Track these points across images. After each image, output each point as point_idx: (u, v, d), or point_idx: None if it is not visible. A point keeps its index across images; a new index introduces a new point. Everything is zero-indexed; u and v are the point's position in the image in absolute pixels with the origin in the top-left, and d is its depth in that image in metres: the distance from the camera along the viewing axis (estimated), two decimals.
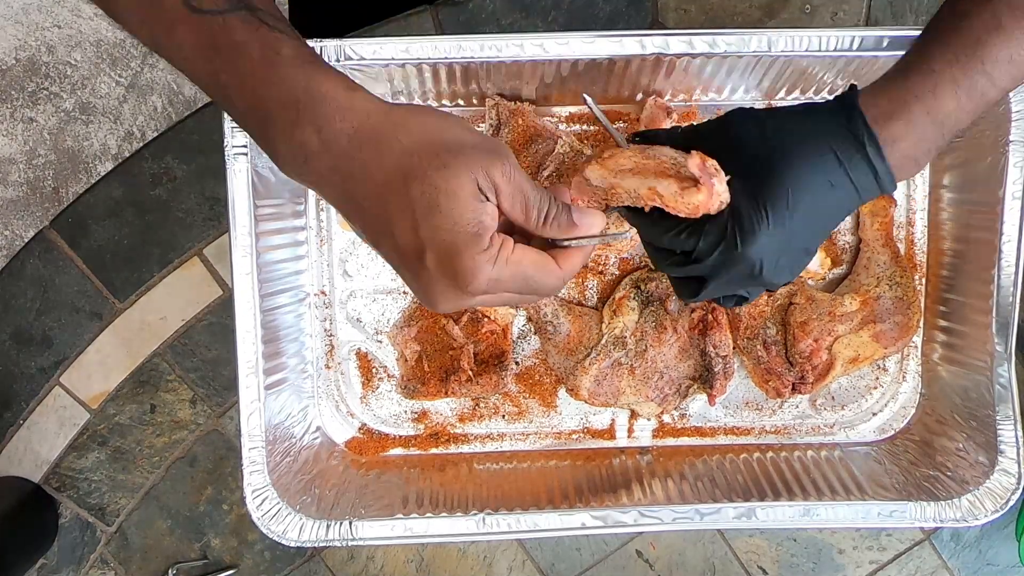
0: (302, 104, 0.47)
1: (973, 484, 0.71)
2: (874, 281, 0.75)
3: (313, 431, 0.79)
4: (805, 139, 0.51)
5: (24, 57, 1.71)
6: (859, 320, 0.74)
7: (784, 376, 0.75)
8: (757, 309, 0.75)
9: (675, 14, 0.80)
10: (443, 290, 0.49)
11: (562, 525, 0.71)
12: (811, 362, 0.74)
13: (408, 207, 0.47)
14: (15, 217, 1.72)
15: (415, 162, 0.47)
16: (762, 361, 0.75)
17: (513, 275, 0.49)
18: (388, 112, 0.48)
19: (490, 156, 0.48)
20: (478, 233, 0.47)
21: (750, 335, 0.75)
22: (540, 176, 0.74)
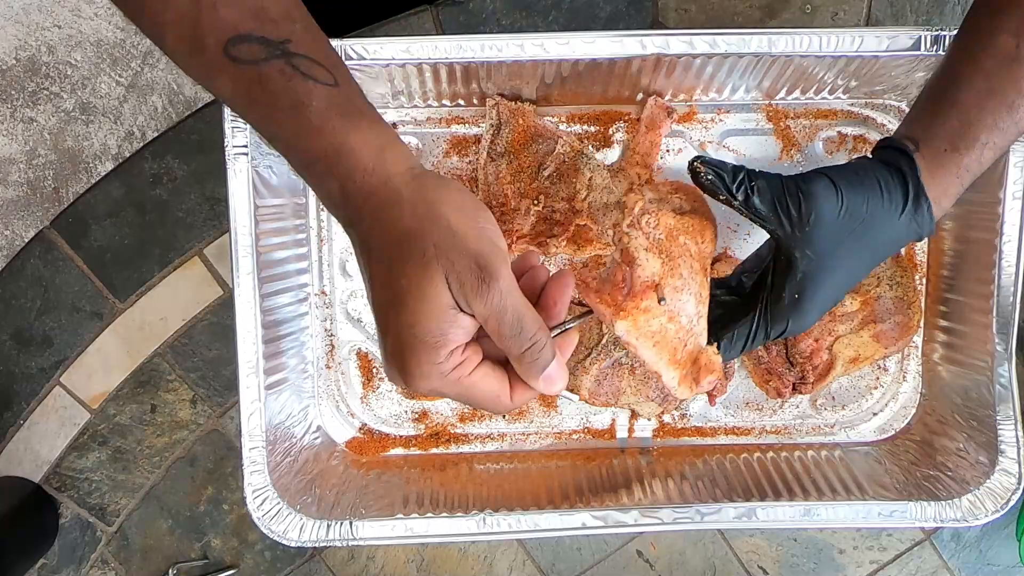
0: (329, 158, 0.47)
1: (973, 484, 0.71)
2: (874, 281, 0.75)
3: (313, 431, 0.79)
4: (875, 226, 0.56)
5: (24, 57, 1.71)
6: (859, 320, 0.74)
7: (784, 376, 0.75)
8: None
9: (675, 14, 0.80)
10: (391, 372, 0.48)
11: (562, 525, 0.71)
12: (811, 362, 0.74)
13: (385, 284, 0.47)
14: (15, 217, 1.72)
15: (402, 246, 0.46)
16: (762, 361, 0.75)
17: (458, 395, 0.48)
18: (410, 182, 0.48)
19: (479, 272, 0.45)
20: (437, 345, 0.46)
21: None
22: (540, 176, 0.74)
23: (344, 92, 0.49)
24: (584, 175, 0.73)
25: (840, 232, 0.56)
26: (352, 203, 0.47)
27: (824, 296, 0.57)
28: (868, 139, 0.77)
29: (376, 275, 0.47)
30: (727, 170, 0.57)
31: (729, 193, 0.57)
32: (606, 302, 0.60)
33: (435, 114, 0.76)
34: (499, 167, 0.74)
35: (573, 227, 0.74)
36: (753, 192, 0.57)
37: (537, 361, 0.48)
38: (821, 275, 0.56)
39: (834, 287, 0.57)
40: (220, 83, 0.49)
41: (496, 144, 0.74)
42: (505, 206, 0.74)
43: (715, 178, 0.57)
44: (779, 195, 0.56)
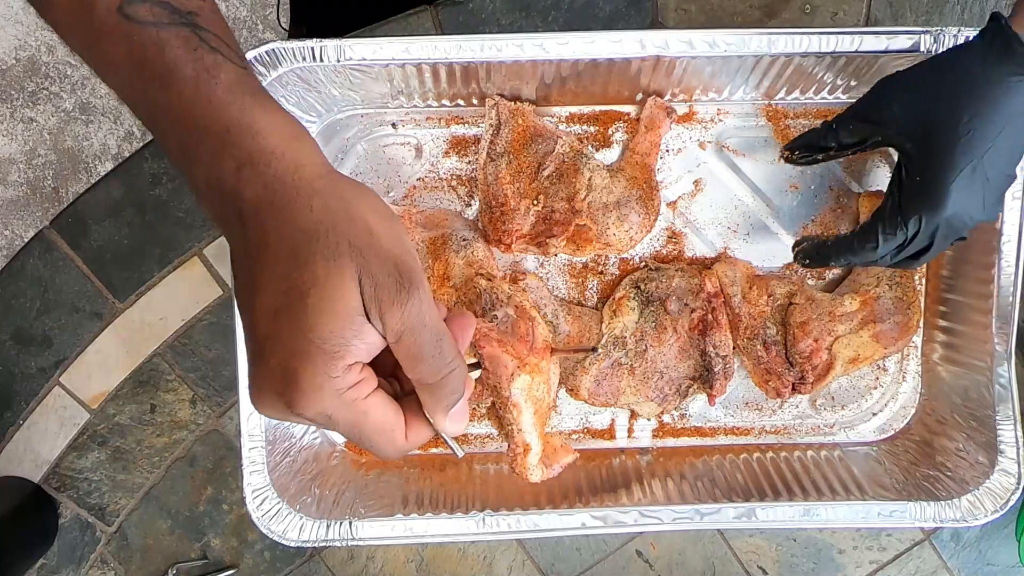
0: (231, 135, 0.41)
1: (973, 484, 0.71)
2: (874, 281, 0.75)
3: (313, 431, 0.79)
4: (967, 82, 0.56)
5: (24, 57, 1.71)
6: (859, 320, 0.74)
7: (784, 376, 0.75)
8: (757, 309, 0.75)
9: (675, 14, 0.80)
10: (267, 393, 0.41)
11: (562, 525, 0.71)
12: (811, 362, 0.74)
13: (280, 285, 0.40)
14: (15, 217, 1.72)
15: (310, 239, 0.40)
16: (762, 361, 0.75)
17: (349, 421, 0.42)
18: (321, 176, 0.42)
19: (399, 277, 0.40)
20: (336, 355, 0.40)
21: (750, 335, 0.75)
22: (540, 176, 0.74)
23: (254, 79, 0.44)
24: (584, 175, 0.73)
25: (929, 97, 0.57)
26: (249, 190, 0.41)
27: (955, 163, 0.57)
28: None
29: (267, 277, 0.40)
30: (807, 138, 0.63)
31: (823, 150, 0.62)
32: (511, 353, 0.59)
33: (435, 114, 0.76)
34: (499, 167, 0.74)
35: (573, 227, 0.74)
36: (836, 130, 0.61)
37: (453, 393, 0.43)
38: (935, 144, 0.57)
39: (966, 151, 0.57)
40: (107, 46, 0.42)
41: (496, 144, 0.74)
42: (505, 206, 0.74)
43: (802, 151, 0.63)
44: (856, 111, 0.60)
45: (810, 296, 0.75)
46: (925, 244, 0.61)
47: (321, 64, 0.66)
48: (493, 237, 0.75)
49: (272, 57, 0.66)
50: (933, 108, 0.57)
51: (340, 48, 0.66)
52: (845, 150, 0.65)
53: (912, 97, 0.58)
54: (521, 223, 0.74)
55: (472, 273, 0.69)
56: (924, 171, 0.59)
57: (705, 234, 0.78)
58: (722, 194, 0.78)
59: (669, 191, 0.77)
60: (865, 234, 0.63)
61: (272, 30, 1.72)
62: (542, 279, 0.78)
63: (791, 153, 0.69)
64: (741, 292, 0.75)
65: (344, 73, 0.68)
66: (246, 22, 1.73)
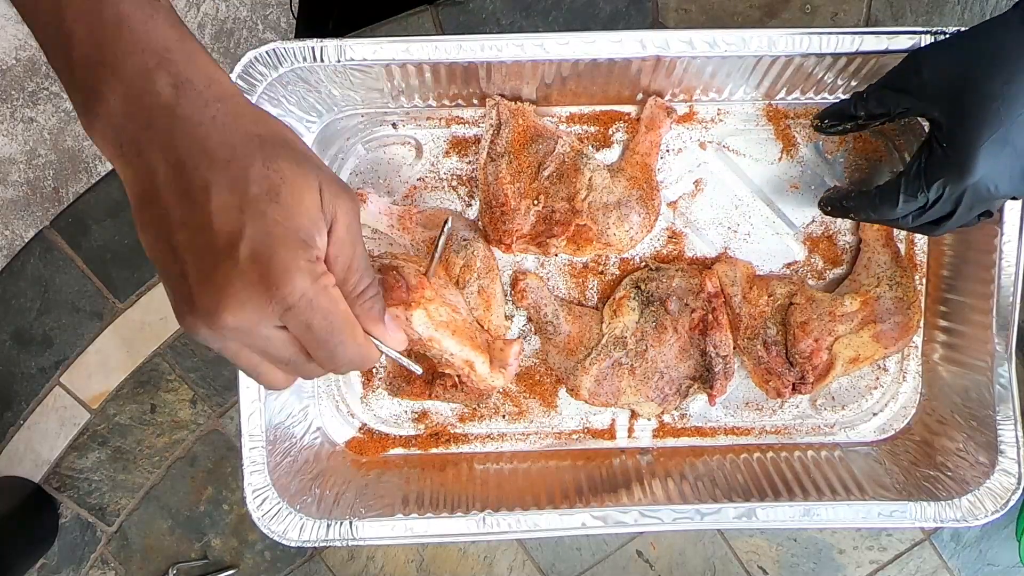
0: (171, 54, 0.42)
1: (973, 484, 0.72)
2: (874, 281, 0.75)
3: (313, 431, 0.79)
4: (1001, 50, 0.56)
5: (24, 57, 1.71)
6: (859, 320, 0.74)
7: (784, 376, 0.75)
8: (757, 309, 0.75)
9: (675, 14, 0.80)
10: (240, 291, 0.41)
11: (562, 525, 0.71)
12: (811, 362, 0.74)
13: (243, 183, 0.42)
14: (15, 217, 1.72)
15: (276, 143, 0.43)
16: (762, 361, 0.75)
17: (325, 309, 0.43)
18: (254, 107, 0.46)
19: (343, 188, 0.45)
20: (307, 242, 0.42)
21: (750, 335, 0.75)
22: (540, 176, 0.74)
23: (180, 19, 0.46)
24: (584, 175, 0.73)
25: (960, 64, 0.57)
26: (188, 106, 0.42)
27: (983, 129, 0.57)
28: (868, 139, 0.77)
29: (221, 177, 0.41)
30: (837, 107, 0.64)
31: (853, 118, 0.64)
32: (395, 302, 0.62)
33: (435, 114, 0.76)
34: (499, 167, 0.74)
35: (573, 227, 0.74)
36: (866, 100, 0.62)
37: (379, 302, 0.49)
38: (964, 109, 0.57)
39: (995, 118, 0.56)
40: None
41: (496, 144, 0.74)
42: (505, 206, 0.74)
43: (832, 119, 0.65)
44: (887, 81, 0.61)
45: (810, 296, 0.75)
46: (948, 211, 0.61)
47: (321, 64, 0.66)
48: (493, 237, 0.75)
49: (272, 57, 0.66)
50: (964, 74, 0.57)
51: (340, 48, 0.66)
52: (874, 119, 0.65)
53: (943, 65, 0.58)
54: (521, 223, 0.74)
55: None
56: (953, 137, 0.58)
57: (705, 234, 0.78)
58: (722, 194, 0.78)
59: (669, 191, 0.77)
60: (887, 193, 0.63)
61: (272, 30, 1.72)
62: (542, 279, 0.78)
63: (820, 122, 0.69)
64: (741, 292, 0.75)
65: (344, 73, 0.68)
66: (246, 22, 1.73)
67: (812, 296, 0.75)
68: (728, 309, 0.75)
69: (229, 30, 1.73)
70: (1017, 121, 0.56)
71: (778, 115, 0.77)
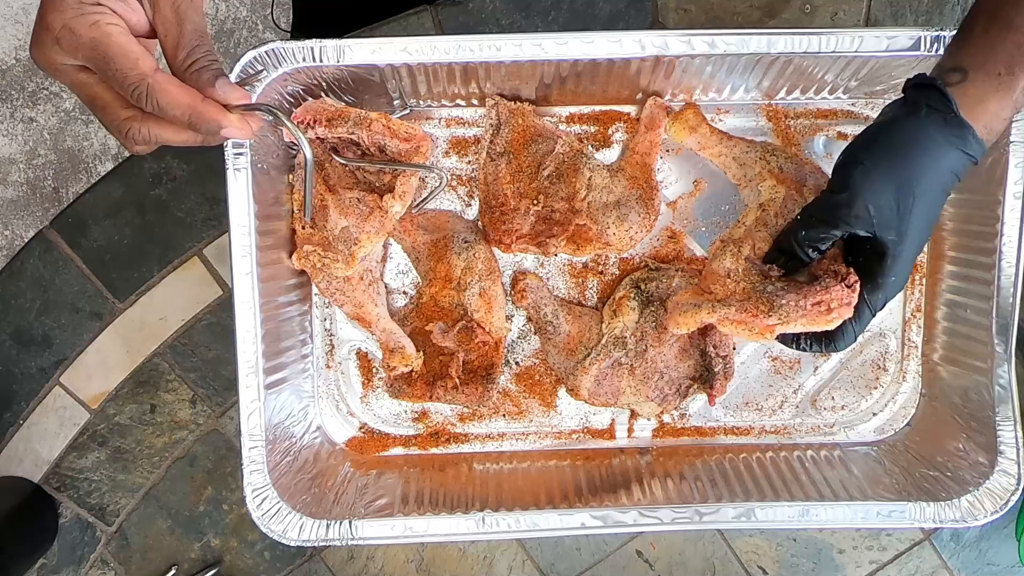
0: None
1: (973, 484, 0.71)
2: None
3: (313, 431, 0.79)
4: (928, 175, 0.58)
5: (24, 57, 1.71)
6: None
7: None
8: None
9: (675, 14, 0.79)
10: (34, 29, 0.49)
11: (562, 525, 0.71)
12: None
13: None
14: (15, 217, 1.72)
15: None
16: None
17: (92, 40, 0.48)
18: None
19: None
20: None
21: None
22: (540, 176, 0.74)
23: None
24: (583, 175, 0.73)
25: (891, 201, 0.58)
26: None
27: (909, 253, 0.61)
28: None
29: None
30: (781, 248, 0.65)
31: (800, 259, 0.64)
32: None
33: (435, 114, 0.76)
34: (499, 167, 0.74)
35: (573, 227, 0.74)
36: (806, 245, 0.62)
37: (208, 72, 0.51)
38: (897, 242, 0.60)
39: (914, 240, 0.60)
40: None
41: (496, 144, 0.74)
42: (505, 206, 0.74)
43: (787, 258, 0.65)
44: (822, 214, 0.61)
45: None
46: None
47: (321, 64, 0.66)
48: (493, 237, 0.75)
49: (272, 57, 0.66)
50: (897, 196, 0.59)
51: (340, 48, 0.66)
52: (819, 255, 0.64)
53: (878, 194, 0.59)
54: (521, 223, 0.74)
55: None
56: (903, 260, 0.61)
57: (705, 234, 0.78)
58: (722, 194, 0.78)
59: (669, 191, 0.77)
60: (856, 328, 0.63)
61: (272, 30, 1.72)
62: (542, 279, 0.78)
63: (776, 264, 0.67)
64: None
65: (344, 73, 0.68)
66: (246, 22, 1.73)
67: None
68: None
69: (229, 30, 1.72)
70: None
71: (778, 115, 0.77)
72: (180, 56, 0.51)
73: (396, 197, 0.70)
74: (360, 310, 0.74)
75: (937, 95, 0.58)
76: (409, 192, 0.71)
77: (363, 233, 0.70)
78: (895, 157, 0.59)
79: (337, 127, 0.68)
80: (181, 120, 0.51)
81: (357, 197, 0.71)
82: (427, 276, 0.76)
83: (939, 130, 0.58)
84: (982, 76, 0.57)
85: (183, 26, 0.50)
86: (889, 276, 0.61)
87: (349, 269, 0.71)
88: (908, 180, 0.58)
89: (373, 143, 0.69)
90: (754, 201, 0.71)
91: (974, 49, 0.58)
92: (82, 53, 0.49)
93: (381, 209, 0.70)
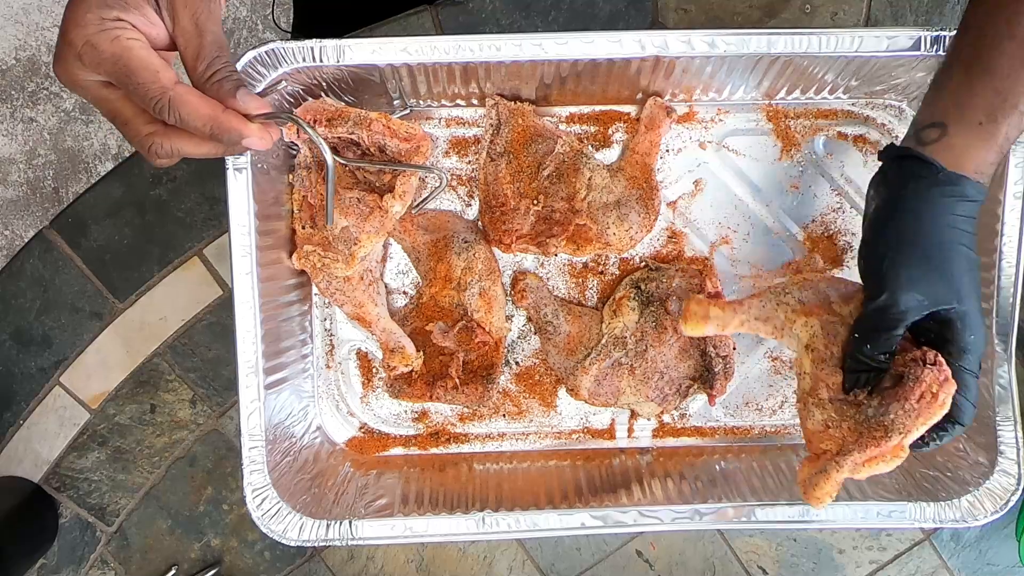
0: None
1: (973, 485, 0.71)
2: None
3: (313, 431, 0.79)
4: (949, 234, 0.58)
5: (24, 57, 1.71)
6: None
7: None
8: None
9: (675, 14, 0.79)
10: (57, 46, 0.50)
11: (562, 525, 0.71)
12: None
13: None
14: (15, 217, 1.72)
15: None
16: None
17: (113, 55, 0.49)
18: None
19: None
20: (107, 4, 0.49)
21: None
22: (540, 176, 0.74)
23: None
24: (584, 175, 0.73)
25: (930, 275, 0.57)
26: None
27: (973, 306, 0.59)
28: (868, 139, 0.77)
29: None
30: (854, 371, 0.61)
31: (877, 370, 0.61)
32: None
33: (435, 114, 0.76)
34: (499, 167, 0.74)
35: (573, 227, 0.74)
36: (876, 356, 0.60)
37: (229, 83, 0.52)
38: (957, 306, 0.58)
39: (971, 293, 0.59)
40: None
41: (496, 144, 0.74)
42: (505, 206, 0.74)
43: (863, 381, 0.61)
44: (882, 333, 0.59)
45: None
46: None
47: (321, 64, 0.66)
48: (493, 237, 0.75)
49: (272, 57, 0.66)
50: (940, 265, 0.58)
51: (340, 48, 0.66)
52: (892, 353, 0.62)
53: (919, 270, 0.58)
54: (521, 223, 0.74)
55: None
56: (972, 316, 0.59)
57: (705, 234, 0.78)
58: (722, 194, 0.78)
59: (669, 191, 0.77)
60: (969, 397, 0.61)
61: (272, 30, 1.72)
62: (542, 279, 0.78)
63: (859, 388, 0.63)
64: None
65: (344, 73, 0.68)
66: (246, 22, 1.73)
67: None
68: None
69: (229, 30, 1.72)
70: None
71: (778, 115, 0.77)
72: (200, 68, 0.51)
73: (396, 197, 0.70)
74: (360, 310, 0.74)
75: (919, 164, 0.58)
76: (409, 192, 0.71)
77: (363, 233, 0.70)
78: (912, 237, 0.58)
79: (337, 127, 0.68)
80: (203, 131, 0.52)
81: (357, 197, 0.71)
82: (427, 276, 0.76)
83: (937, 192, 0.57)
84: (963, 128, 0.57)
85: (203, 38, 0.51)
86: (968, 336, 0.59)
87: (349, 269, 0.71)
88: (935, 250, 0.57)
89: (373, 143, 0.69)
90: (799, 347, 0.67)
91: (952, 100, 0.57)
92: (104, 68, 0.50)
93: (381, 209, 0.70)
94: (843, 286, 0.65)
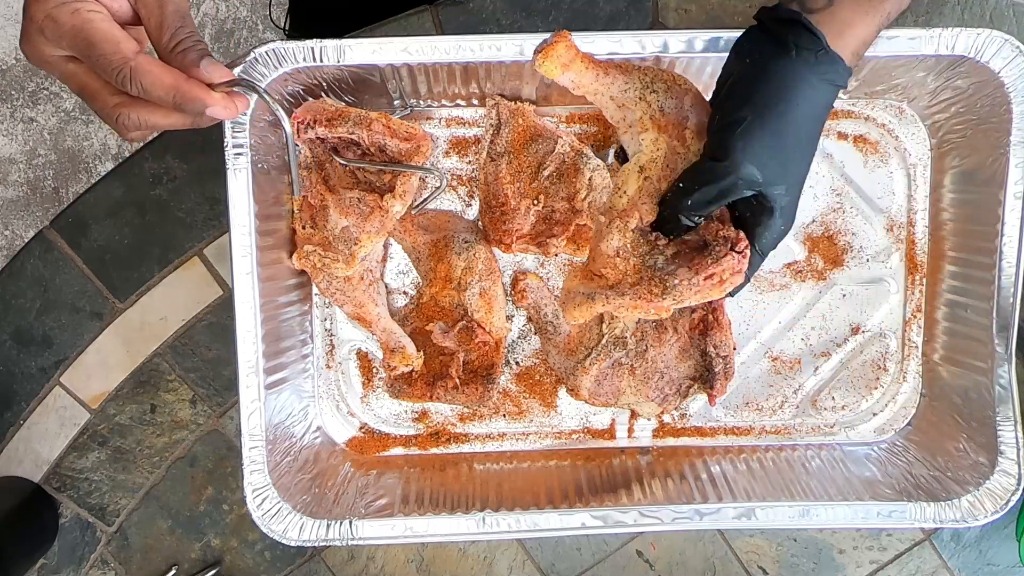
0: None
1: (973, 485, 0.71)
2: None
3: (313, 431, 0.79)
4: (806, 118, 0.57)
5: (24, 57, 1.71)
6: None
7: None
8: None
9: (675, 14, 0.79)
10: (22, 23, 0.50)
11: (562, 525, 0.71)
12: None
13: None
14: (15, 217, 1.72)
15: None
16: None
17: (75, 27, 0.50)
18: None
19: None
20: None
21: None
22: (540, 176, 0.74)
23: None
24: (584, 175, 0.73)
25: (775, 156, 0.56)
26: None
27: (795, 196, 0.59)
28: (868, 139, 0.77)
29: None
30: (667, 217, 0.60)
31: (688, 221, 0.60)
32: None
33: (435, 114, 0.76)
34: (499, 167, 0.74)
35: (573, 227, 0.74)
36: (692, 214, 0.59)
37: (192, 53, 0.52)
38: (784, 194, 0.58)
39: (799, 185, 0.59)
40: None
41: (496, 144, 0.74)
42: (505, 206, 0.74)
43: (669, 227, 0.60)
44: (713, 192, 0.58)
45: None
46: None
47: (321, 64, 0.66)
48: (494, 237, 0.75)
49: (272, 57, 0.66)
50: (787, 149, 0.57)
51: (340, 48, 0.66)
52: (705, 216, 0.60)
53: (767, 147, 0.56)
54: (521, 223, 0.74)
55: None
56: (790, 206, 0.59)
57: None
58: None
59: None
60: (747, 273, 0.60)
61: (272, 30, 1.72)
62: (542, 279, 0.78)
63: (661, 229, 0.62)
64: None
65: (344, 73, 0.68)
66: (246, 22, 1.73)
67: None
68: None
69: (229, 30, 1.72)
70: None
71: None
72: (164, 38, 0.51)
73: (396, 197, 0.70)
74: (360, 310, 0.74)
75: (805, 33, 0.56)
76: (409, 192, 0.71)
77: (363, 233, 0.70)
78: (772, 109, 0.56)
79: (337, 127, 0.68)
80: (166, 101, 0.52)
81: (357, 197, 0.71)
82: (427, 276, 0.77)
83: (811, 69, 0.56)
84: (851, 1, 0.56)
85: (164, 8, 0.51)
86: (778, 224, 0.59)
87: (349, 269, 0.71)
88: (788, 130, 0.56)
89: (373, 143, 0.69)
90: (633, 165, 0.63)
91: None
92: (66, 41, 0.50)
93: (381, 209, 0.70)
94: (704, 115, 0.62)
